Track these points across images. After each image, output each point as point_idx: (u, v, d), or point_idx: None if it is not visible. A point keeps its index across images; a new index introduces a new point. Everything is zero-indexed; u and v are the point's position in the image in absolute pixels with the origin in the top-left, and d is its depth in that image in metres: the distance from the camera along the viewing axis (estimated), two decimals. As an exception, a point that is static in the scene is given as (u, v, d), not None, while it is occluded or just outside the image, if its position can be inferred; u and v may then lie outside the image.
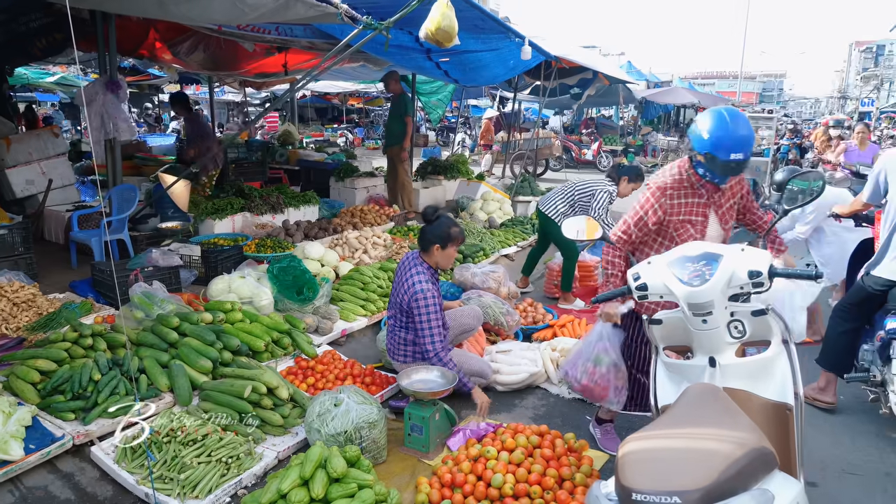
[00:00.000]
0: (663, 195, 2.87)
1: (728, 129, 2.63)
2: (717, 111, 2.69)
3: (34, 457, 2.79)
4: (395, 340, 3.76)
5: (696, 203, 2.88)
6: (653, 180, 2.97)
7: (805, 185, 2.88)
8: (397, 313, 3.71)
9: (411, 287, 3.52)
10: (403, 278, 3.63)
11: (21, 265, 5.08)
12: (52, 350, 3.39)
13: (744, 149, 2.65)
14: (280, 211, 7.15)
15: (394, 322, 3.77)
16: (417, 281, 3.52)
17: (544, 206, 5.73)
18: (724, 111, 2.68)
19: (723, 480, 1.45)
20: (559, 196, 5.69)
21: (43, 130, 7.75)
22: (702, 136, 2.67)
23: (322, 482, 2.56)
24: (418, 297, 3.47)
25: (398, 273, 3.75)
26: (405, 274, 3.64)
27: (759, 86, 60.49)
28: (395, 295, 3.73)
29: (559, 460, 2.93)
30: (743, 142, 2.64)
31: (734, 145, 2.63)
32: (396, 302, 3.69)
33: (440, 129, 24.58)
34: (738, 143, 2.63)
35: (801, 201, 2.90)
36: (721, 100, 23.76)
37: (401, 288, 3.63)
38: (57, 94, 19.79)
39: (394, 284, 3.78)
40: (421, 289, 3.48)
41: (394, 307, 3.75)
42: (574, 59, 8.66)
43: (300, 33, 6.60)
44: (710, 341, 2.32)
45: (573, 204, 5.59)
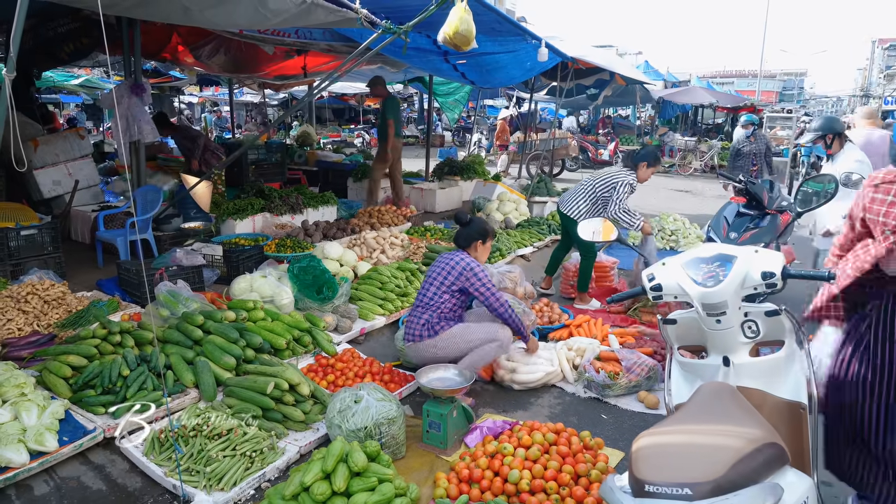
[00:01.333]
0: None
1: None
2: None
3: (68, 448, 2.91)
4: (415, 322, 3.90)
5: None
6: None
7: (819, 188, 2.90)
8: (428, 293, 3.89)
9: (459, 263, 3.83)
10: (449, 266, 3.87)
11: (50, 264, 5.22)
12: (82, 346, 3.51)
13: None
14: (299, 211, 7.27)
15: (417, 304, 3.95)
16: (462, 258, 3.86)
17: (565, 207, 5.69)
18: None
19: (733, 473, 1.50)
20: (579, 194, 5.62)
21: (69, 132, 7.93)
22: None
23: (343, 476, 2.63)
24: (473, 266, 3.82)
25: (435, 268, 3.94)
26: (448, 262, 3.88)
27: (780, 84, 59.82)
28: (429, 285, 3.91)
29: (575, 457, 2.98)
30: None
31: None
32: (430, 286, 3.88)
33: (456, 129, 24.66)
34: None
35: (816, 203, 2.92)
36: (740, 99, 23.53)
37: (444, 272, 3.86)
38: (80, 95, 20.16)
39: (428, 280, 3.95)
40: (470, 261, 3.86)
41: (427, 294, 3.89)
42: (591, 59, 8.68)
43: (319, 36, 6.71)
44: (724, 341, 2.36)
45: (595, 200, 5.52)
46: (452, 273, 3.83)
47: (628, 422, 3.67)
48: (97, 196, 7.58)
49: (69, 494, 2.80)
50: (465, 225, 4.05)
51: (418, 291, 4.02)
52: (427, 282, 3.95)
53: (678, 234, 8.15)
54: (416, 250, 6.34)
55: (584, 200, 5.57)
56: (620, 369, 3.96)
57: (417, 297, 3.99)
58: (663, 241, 8.13)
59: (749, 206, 4.81)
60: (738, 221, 4.71)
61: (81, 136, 7.80)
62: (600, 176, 5.64)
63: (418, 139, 26.01)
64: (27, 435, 2.86)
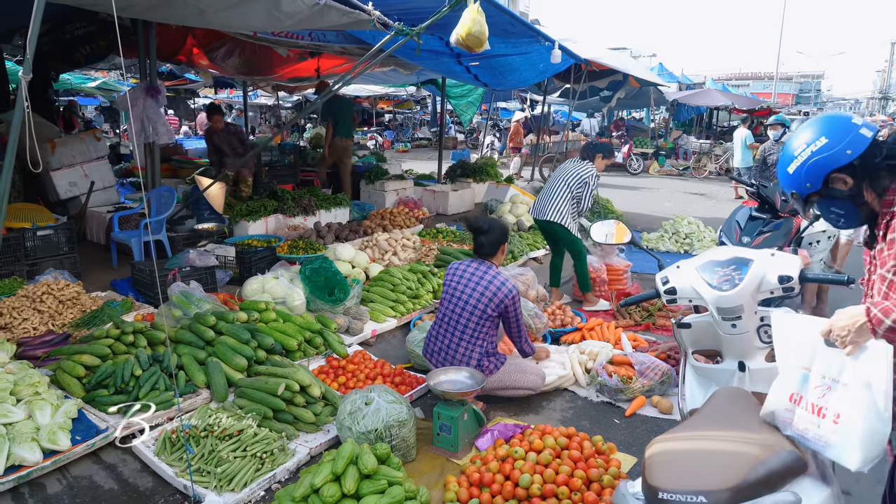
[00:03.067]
0: None
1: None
2: None
3: (80, 447, 2.93)
4: (463, 356, 3.58)
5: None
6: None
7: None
8: (469, 323, 3.56)
9: (503, 287, 3.53)
10: (484, 284, 3.55)
11: (66, 264, 5.28)
12: (96, 346, 3.54)
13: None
14: (312, 213, 7.28)
15: (461, 335, 3.58)
16: (505, 280, 3.58)
17: (542, 213, 5.41)
18: None
19: (750, 481, 1.47)
20: (555, 197, 5.36)
21: (85, 134, 8.01)
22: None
23: (353, 478, 2.62)
24: (514, 295, 3.57)
25: (463, 283, 3.62)
26: (483, 279, 3.57)
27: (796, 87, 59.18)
28: (464, 305, 3.57)
29: (587, 462, 2.95)
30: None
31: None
32: (471, 312, 3.55)
33: (469, 131, 24.65)
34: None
35: None
36: (755, 101, 23.30)
37: (484, 294, 3.53)
38: (97, 98, 20.38)
39: (457, 294, 3.62)
40: (513, 286, 3.59)
41: (462, 319, 3.58)
42: (604, 61, 8.63)
43: (332, 39, 6.73)
44: (739, 346, 2.33)
45: (573, 199, 5.36)
46: (494, 300, 3.51)
47: (641, 426, 3.62)
48: (112, 197, 7.65)
49: (81, 493, 2.81)
50: (486, 232, 3.70)
51: (444, 308, 3.67)
52: (459, 303, 3.59)
53: (692, 238, 8.08)
54: (427, 252, 6.33)
55: (563, 202, 5.33)
56: (634, 373, 3.92)
57: (448, 319, 3.62)
58: (677, 244, 8.06)
59: (761, 209, 4.76)
60: (751, 225, 4.65)
61: (97, 138, 7.88)
62: (567, 173, 5.42)
63: (430, 142, 26.04)
64: (41, 434, 2.88)
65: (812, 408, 1.68)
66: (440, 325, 3.70)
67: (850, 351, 1.65)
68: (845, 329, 1.66)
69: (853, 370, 1.63)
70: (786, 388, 1.76)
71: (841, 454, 1.60)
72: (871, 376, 1.57)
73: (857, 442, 1.56)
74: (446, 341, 3.64)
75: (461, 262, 3.78)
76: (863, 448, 1.56)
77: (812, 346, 1.73)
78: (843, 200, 1.88)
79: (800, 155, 1.89)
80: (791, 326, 1.81)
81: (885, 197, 1.81)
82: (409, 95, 23.17)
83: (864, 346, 1.63)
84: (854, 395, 1.60)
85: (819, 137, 1.86)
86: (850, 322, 1.65)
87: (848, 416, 1.59)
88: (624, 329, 4.90)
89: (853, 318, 1.65)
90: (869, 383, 1.57)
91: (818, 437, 1.65)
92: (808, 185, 1.90)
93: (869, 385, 1.57)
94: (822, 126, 1.87)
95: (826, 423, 1.64)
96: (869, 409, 1.56)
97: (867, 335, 1.63)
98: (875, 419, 1.55)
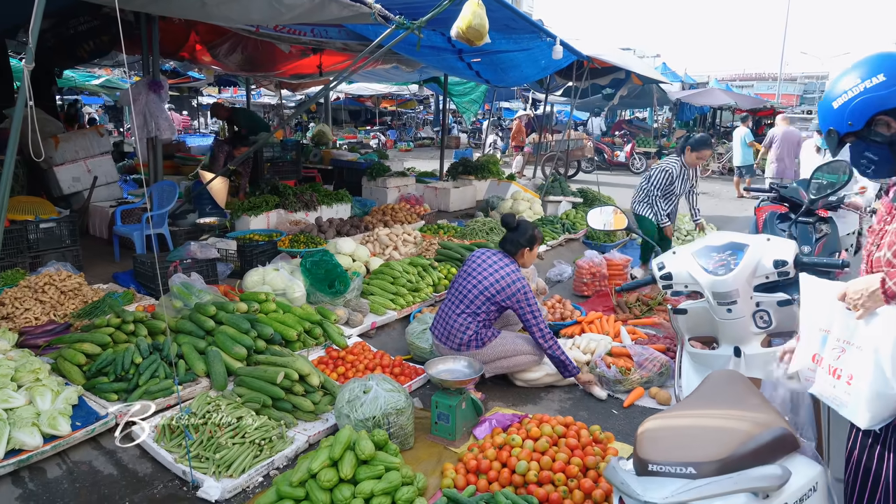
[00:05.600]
0: None
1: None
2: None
3: (80, 433, 2.94)
4: (460, 327, 3.76)
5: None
6: None
7: (835, 179, 2.86)
8: (474, 302, 3.74)
9: (514, 285, 3.68)
10: (497, 271, 3.72)
11: (68, 257, 5.30)
12: (96, 334, 3.56)
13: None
14: (313, 208, 7.30)
15: (463, 309, 3.77)
16: (520, 277, 3.72)
17: (633, 207, 6.15)
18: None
19: (739, 455, 1.47)
20: (638, 189, 6.07)
21: (89, 130, 8.05)
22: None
23: (350, 463, 2.63)
24: (527, 292, 3.69)
25: (479, 265, 3.80)
26: (499, 268, 3.73)
27: (801, 87, 58.96)
28: (474, 284, 3.76)
29: (584, 449, 2.96)
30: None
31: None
32: (478, 293, 3.73)
33: (472, 130, 24.66)
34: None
35: (830, 192, 2.88)
36: (759, 101, 23.25)
37: (495, 280, 3.70)
38: (101, 97, 20.46)
39: (470, 275, 3.80)
40: (525, 283, 3.72)
41: (468, 297, 3.76)
42: (606, 58, 8.63)
43: (335, 35, 6.75)
44: (735, 331, 2.34)
45: (647, 192, 5.96)
46: (504, 291, 3.68)
47: (639, 417, 3.62)
48: (115, 193, 7.68)
49: (81, 478, 2.83)
50: (513, 229, 3.86)
51: (454, 287, 3.88)
52: (468, 284, 3.78)
53: (694, 235, 8.08)
54: (428, 247, 6.34)
55: (640, 193, 6.00)
56: (632, 365, 3.92)
57: (455, 295, 3.83)
58: (679, 241, 8.06)
59: (794, 210, 4.44)
60: (802, 232, 4.14)
61: (101, 134, 7.91)
62: (652, 169, 6.05)
63: (433, 141, 26.06)
64: (41, 419, 2.90)
65: (829, 368, 1.73)
66: (449, 299, 3.89)
67: (860, 315, 1.68)
68: (858, 293, 1.68)
69: (866, 334, 1.67)
70: (809, 348, 1.82)
71: (853, 413, 1.65)
72: (880, 341, 1.61)
73: (865, 403, 1.61)
74: (449, 312, 3.83)
75: (485, 250, 3.95)
76: (870, 409, 1.61)
77: (831, 308, 1.77)
78: (880, 146, 1.78)
79: (851, 90, 1.77)
80: (816, 288, 1.85)
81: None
82: (411, 95, 23.20)
83: (875, 311, 1.66)
84: (865, 357, 1.64)
85: (876, 74, 1.73)
86: (864, 287, 1.67)
87: (859, 377, 1.64)
88: (623, 323, 4.91)
89: (867, 284, 1.67)
90: (877, 348, 1.61)
91: (834, 398, 1.71)
92: (850, 123, 1.78)
93: (877, 350, 1.61)
94: (883, 63, 1.75)
95: (841, 383, 1.69)
96: (876, 371, 1.60)
97: (879, 302, 1.65)
98: (881, 382, 1.59)
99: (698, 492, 1.40)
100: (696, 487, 1.41)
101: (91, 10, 6.18)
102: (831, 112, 1.83)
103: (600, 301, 5.65)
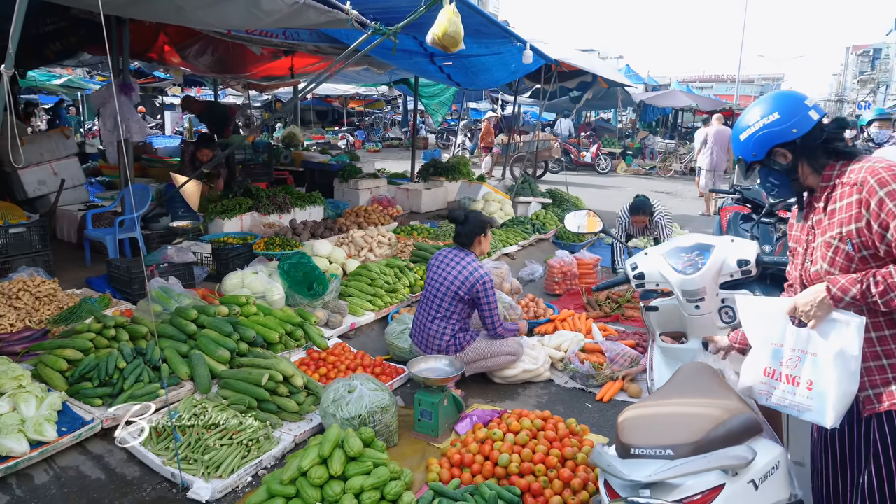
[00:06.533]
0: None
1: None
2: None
3: (66, 438, 2.96)
4: (436, 333, 3.87)
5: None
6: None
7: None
8: (443, 304, 3.86)
9: (475, 272, 3.80)
10: (458, 269, 3.84)
11: (38, 262, 5.22)
12: (78, 340, 3.56)
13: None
14: (287, 211, 7.32)
15: (435, 314, 3.89)
16: (478, 267, 3.84)
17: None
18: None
19: (711, 437, 1.63)
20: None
21: (54, 132, 7.91)
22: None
23: (340, 460, 2.72)
24: (486, 281, 3.80)
25: (441, 267, 3.92)
26: (458, 265, 3.86)
27: (757, 89, 60.77)
28: (439, 287, 3.89)
29: (562, 441, 3.10)
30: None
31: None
32: (444, 293, 3.85)
33: (440, 131, 24.78)
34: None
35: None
36: (718, 103, 23.96)
37: (456, 278, 3.82)
38: (60, 96, 19.93)
39: (435, 278, 3.93)
40: (485, 273, 3.81)
41: (436, 299, 3.89)
42: (574, 62, 8.83)
43: (306, 37, 6.78)
44: (702, 326, 2.51)
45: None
46: (465, 284, 3.80)
47: (612, 410, 3.80)
48: (82, 196, 7.55)
49: (69, 483, 2.85)
50: (463, 223, 3.97)
51: (424, 292, 4.01)
52: (435, 286, 3.91)
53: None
54: (403, 248, 6.44)
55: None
56: (604, 360, 4.09)
57: (427, 301, 3.96)
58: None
59: (756, 211, 4.69)
60: (764, 232, 4.42)
61: (66, 136, 7.77)
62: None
63: (401, 141, 26.09)
64: (26, 425, 2.91)
65: (786, 378, 1.86)
66: (421, 306, 4.02)
67: (813, 325, 1.84)
68: (808, 305, 1.84)
69: (822, 342, 1.81)
70: (758, 363, 1.94)
71: (817, 416, 1.78)
72: (844, 344, 1.75)
73: (832, 403, 1.75)
74: (424, 319, 3.94)
75: (444, 249, 4.04)
76: (836, 408, 1.75)
77: (781, 323, 1.91)
78: (780, 173, 2.02)
79: (753, 125, 2.00)
80: (757, 307, 1.99)
81: (823, 172, 1.95)
82: (379, 95, 23.19)
83: (834, 318, 1.80)
84: (825, 363, 1.79)
85: (773, 112, 1.97)
86: (812, 298, 1.83)
87: (820, 382, 1.78)
88: (595, 320, 5.08)
89: (815, 295, 1.83)
90: (842, 350, 1.75)
91: (795, 404, 1.84)
92: (754, 153, 2.02)
93: (842, 352, 1.75)
94: (778, 102, 1.99)
95: (801, 390, 1.82)
96: (841, 373, 1.74)
97: (829, 308, 1.81)
98: (847, 381, 1.74)
99: (676, 470, 1.56)
100: (675, 467, 1.57)
101: (58, 12, 6.08)
102: (739, 143, 2.07)
103: (571, 299, 5.84)
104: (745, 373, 1.96)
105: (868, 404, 1.82)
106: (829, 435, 1.96)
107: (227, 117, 9.13)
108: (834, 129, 1.95)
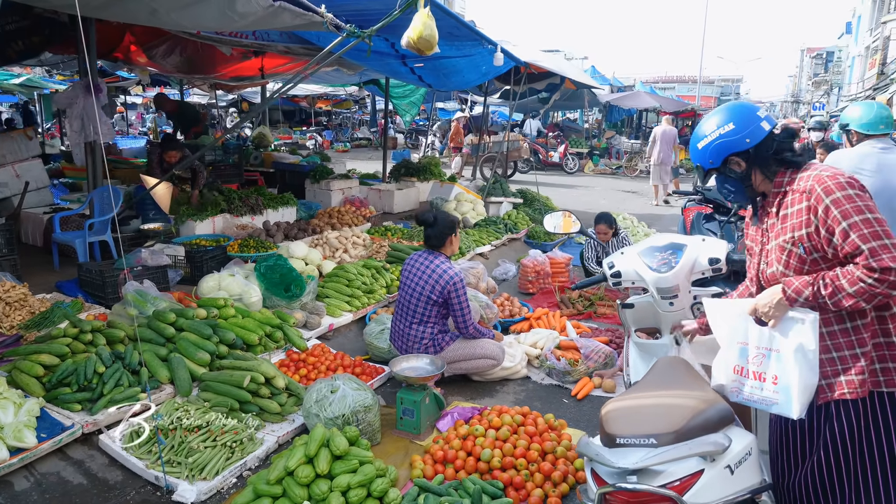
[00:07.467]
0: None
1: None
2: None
3: (47, 444, 2.93)
4: (416, 337, 3.92)
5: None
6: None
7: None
8: (418, 308, 3.89)
9: (445, 274, 3.84)
10: (429, 272, 3.87)
11: (5, 266, 5.11)
12: (54, 345, 3.51)
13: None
14: (259, 212, 7.28)
15: (412, 319, 3.93)
16: (448, 268, 3.88)
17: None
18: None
19: (690, 426, 1.74)
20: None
21: (17, 133, 7.71)
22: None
23: (326, 459, 2.76)
24: (456, 282, 3.84)
25: (413, 272, 3.95)
26: (428, 268, 3.89)
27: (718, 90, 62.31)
28: (412, 292, 3.92)
29: (541, 436, 3.20)
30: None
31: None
32: (418, 298, 3.89)
33: (409, 131, 24.81)
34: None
35: None
36: (681, 104, 24.54)
37: (427, 282, 3.85)
38: (15, 95, 19.33)
39: (408, 283, 3.96)
40: (455, 273, 3.86)
41: (411, 304, 3.92)
42: (543, 64, 8.99)
43: (277, 38, 6.76)
44: (676, 322, 2.62)
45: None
46: (437, 286, 3.83)
47: (587, 405, 3.91)
48: (46, 198, 7.39)
49: (50, 489, 2.83)
50: (432, 225, 4.01)
51: (400, 297, 4.04)
52: (409, 291, 3.95)
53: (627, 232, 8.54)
54: (378, 249, 6.48)
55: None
56: (579, 357, 4.21)
57: (402, 305, 4.00)
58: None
59: (718, 211, 4.92)
60: (727, 231, 4.60)
61: (29, 137, 7.60)
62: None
63: (370, 142, 26.04)
64: (5, 432, 2.87)
65: (754, 375, 1.99)
66: (398, 311, 4.05)
67: (773, 324, 1.97)
68: (766, 306, 1.98)
69: (783, 339, 1.94)
70: (728, 362, 2.06)
71: (784, 409, 1.91)
72: (802, 339, 1.88)
73: (797, 395, 1.88)
74: (402, 325, 3.98)
75: (415, 253, 4.08)
76: (800, 399, 1.88)
77: (744, 324, 2.04)
78: (735, 180, 2.15)
79: (709, 135, 2.12)
80: (722, 309, 2.11)
81: (774, 179, 2.09)
82: (347, 95, 23.11)
83: (791, 316, 1.94)
84: (787, 358, 1.91)
85: (728, 122, 2.08)
86: (769, 300, 1.98)
87: (784, 376, 1.91)
88: (568, 318, 5.21)
89: (772, 297, 1.98)
90: (801, 345, 1.88)
91: (763, 399, 1.96)
92: (711, 161, 2.14)
93: (801, 346, 1.88)
94: (733, 113, 2.10)
95: (767, 385, 1.95)
96: (802, 366, 1.87)
97: (785, 308, 1.96)
98: (808, 374, 1.87)
99: (659, 458, 1.67)
100: (658, 454, 1.67)
101: (20, 10, 5.94)
102: (697, 152, 2.19)
103: (545, 298, 5.96)
104: (717, 372, 2.08)
105: (821, 393, 1.97)
106: (787, 422, 2.11)
107: (197, 118, 8.99)
108: (784, 138, 2.08)
